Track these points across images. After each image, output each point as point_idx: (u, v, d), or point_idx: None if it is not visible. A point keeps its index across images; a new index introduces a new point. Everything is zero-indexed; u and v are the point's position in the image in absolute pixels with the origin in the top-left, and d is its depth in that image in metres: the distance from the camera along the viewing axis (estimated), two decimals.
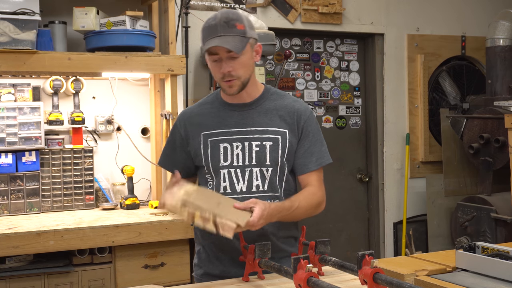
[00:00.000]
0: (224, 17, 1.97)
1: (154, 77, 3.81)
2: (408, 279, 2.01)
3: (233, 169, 2.06)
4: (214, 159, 2.07)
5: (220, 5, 4.14)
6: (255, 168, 2.06)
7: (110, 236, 3.05)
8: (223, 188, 2.07)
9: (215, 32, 1.95)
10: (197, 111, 2.15)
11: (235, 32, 1.95)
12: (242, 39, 1.96)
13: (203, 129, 2.10)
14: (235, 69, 1.98)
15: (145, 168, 3.85)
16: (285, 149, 2.07)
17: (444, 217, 4.62)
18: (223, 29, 1.94)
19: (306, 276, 1.55)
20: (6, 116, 3.43)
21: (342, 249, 4.67)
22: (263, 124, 2.08)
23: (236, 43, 1.94)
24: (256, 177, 2.06)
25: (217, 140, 2.08)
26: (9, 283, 2.94)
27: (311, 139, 2.11)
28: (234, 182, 2.06)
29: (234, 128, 2.08)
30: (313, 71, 4.64)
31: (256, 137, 2.07)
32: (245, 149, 2.06)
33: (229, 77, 1.99)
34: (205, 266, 2.16)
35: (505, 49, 4.38)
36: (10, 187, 3.45)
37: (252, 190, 2.05)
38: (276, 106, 2.12)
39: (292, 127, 2.10)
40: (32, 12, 3.15)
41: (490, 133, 4.27)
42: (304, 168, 2.10)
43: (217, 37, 1.94)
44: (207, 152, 2.08)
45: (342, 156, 4.74)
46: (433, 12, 4.89)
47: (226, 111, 2.11)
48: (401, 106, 4.79)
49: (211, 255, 2.14)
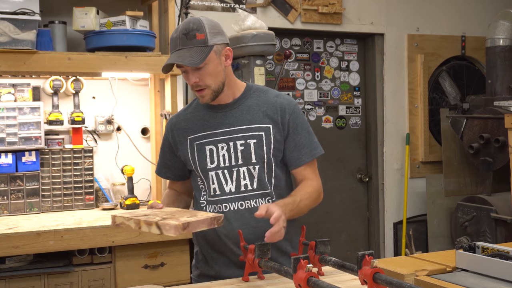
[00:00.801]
0: (184, 28, 1.95)
1: (154, 77, 3.81)
2: (408, 279, 2.01)
3: (220, 170, 2.06)
4: (202, 162, 2.07)
5: (220, 5, 4.14)
6: (242, 167, 2.06)
7: (110, 236, 3.05)
8: (213, 190, 2.07)
9: (174, 46, 1.96)
10: (182, 117, 2.17)
11: (194, 43, 1.93)
12: (202, 49, 1.93)
13: (188, 133, 2.11)
14: (202, 79, 1.97)
15: (145, 168, 3.85)
16: (270, 145, 2.06)
17: (444, 217, 4.62)
18: (182, 42, 1.94)
19: (306, 276, 1.55)
20: (6, 116, 3.43)
21: (342, 249, 4.67)
22: (246, 122, 2.07)
23: (194, 56, 1.92)
24: (244, 176, 2.06)
25: (203, 143, 2.08)
26: (9, 283, 2.94)
27: (300, 132, 2.10)
28: (223, 183, 2.06)
29: (218, 129, 2.08)
30: (313, 71, 4.64)
31: (240, 136, 2.06)
32: (231, 149, 2.06)
33: (197, 87, 1.99)
34: (201, 267, 2.18)
35: (505, 49, 4.37)
36: (10, 187, 3.45)
37: (241, 190, 2.05)
38: (259, 103, 2.10)
39: (276, 121, 2.08)
40: (32, 12, 3.15)
41: (490, 133, 4.27)
42: (298, 161, 2.10)
43: (176, 51, 1.95)
44: (194, 155, 2.08)
45: (342, 156, 4.74)
46: (433, 12, 4.89)
47: (209, 113, 2.11)
48: (401, 106, 4.79)
49: (207, 256, 2.15)
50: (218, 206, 2.07)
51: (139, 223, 1.75)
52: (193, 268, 2.23)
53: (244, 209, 2.05)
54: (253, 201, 2.06)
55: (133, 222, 1.77)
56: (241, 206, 2.06)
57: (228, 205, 2.06)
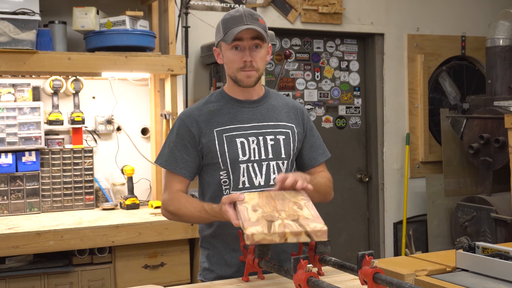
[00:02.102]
0: (247, 11, 2.04)
1: (154, 77, 3.81)
2: (408, 279, 2.01)
3: (251, 164, 2.07)
4: (232, 153, 2.06)
5: (220, 5, 4.14)
6: (272, 161, 2.09)
7: (110, 236, 3.05)
8: (242, 183, 2.06)
9: (241, 21, 2.00)
10: (205, 110, 2.12)
11: (258, 24, 2.01)
12: (265, 33, 2.03)
13: (215, 126, 2.08)
14: (255, 59, 2.03)
15: (145, 168, 3.85)
16: (294, 143, 2.14)
17: (444, 217, 4.62)
18: (249, 19, 2.01)
19: (306, 276, 1.55)
20: (6, 116, 3.43)
21: (342, 249, 4.67)
22: (273, 119, 2.13)
23: (262, 32, 2.01)
24: (273, 170, 2.09)
25: (233, 136, 2.07)
26: (9, 283, 2.95)
27: (314, 134, 2.22)
28: (252, 177, 2.07)
29: (247, 123, 2.09)
30: (313, 71, 4.64)
31: (269, 131, 2.10)
32: (260, 143, 2.08)
33: (250, 67, 2.03)
34: (218, 269, 2.10)
35: (505, 49, 4.37)
36: (10, 187, 3.45)
37: (270, 184, 2.07)
38: (280, 104, 2.18)
39: (297, 122, 2.18)
40: (32, 12, 3.15)
41: (490, 133, 4.27)
42: (314, 161, 2.19)
43: (244, 25, 1.99)
44: (224, 147, 2.06)
45: (342, 156, 4.74)
46: (433, 12, 4.89)
47: (236, 108, 2.11)
48: (401, 106, 4.79)
49: (225, 256, 2.09)
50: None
51: (284, 236, 1.64)
52: (206, 272, 2.14)
53: None
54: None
55: (277, 236, 1.64)
56: None
57: None
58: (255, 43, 2.01)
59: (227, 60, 2.06)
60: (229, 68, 2.07)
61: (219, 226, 2.08)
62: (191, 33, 3.93)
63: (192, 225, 3.20)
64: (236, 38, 2.00)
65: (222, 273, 2.09)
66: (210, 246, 2.14)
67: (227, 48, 2.04)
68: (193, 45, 3.98)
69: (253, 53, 2.02)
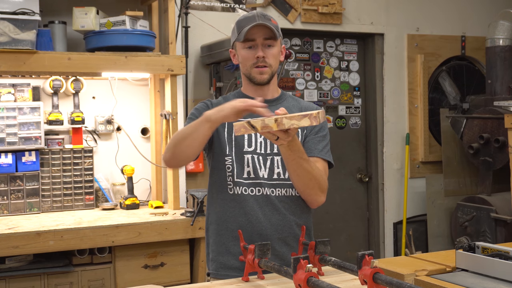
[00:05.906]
0: (260, 12, 2.13)
1: (154, 77, 3.81)
2: (408, 279, 2.01)
3: (256, 156, 2.11)
4: (238, 144, 2.11)
5: (220, 5, 4.14)
6: (277, 156, 2.12)
7: (110, 236, 3.05)
8: (247, 173, 2.10)
9: (254, 20, 2.07)
10: (223, 103, 2.12)
11: (272, 24, 2.09)
12: (277, 31, 2.10)
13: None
14: (268, 56, 2.09)
15: (145, 168, 3.85)
16: (302, 142, 2.15)
17: (444, 217, 4.62)
18: (261, 19, 2.08)
19: (306, 276, 1.55)
20: (6, 116, 3.43)
21: (342, 249, 4.67)
22: None
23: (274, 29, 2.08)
24: (277, 165, 2.12)
25: None
26: (9, 283, 2.95)
27: (323, 134, 2.22)
28: (257, 168, 2.10)
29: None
30: (313, 71, 4.64)
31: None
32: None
33: (262, 62, 2.09)
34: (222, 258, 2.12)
35: (505, 49, 4.37)
36: (10, 187, 3.45)
37: (274, 177, 2.10)
38: (295, 106, 2.20)
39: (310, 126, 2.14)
40: (32, 12, 3.15)
41: (490, 133, 4.27)
42: (308, 151, 2.13)
43: (256, 23, 2.06)
44: (231, 135, 2.11)
45: (342, 156, 4.74)
46: (433, 12, 4.89)
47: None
48: (401, 106, 4.79)
49: (228, 245, 2.11)
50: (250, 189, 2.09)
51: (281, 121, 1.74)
52: (211, 262, 2.17)
53: (275, 196, 2.10)
54: (284, 190, 2.11)
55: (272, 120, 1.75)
56: (272, 193, 2.10)
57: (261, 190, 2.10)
58: (267, 43, 2.08)
59: (242, 58, 2.13)
60: (244, 66, 2.13)
61: (223, 211, 2.11)
62: (191, 33, 3.93)
63: (192, 225, 3.20)
64: (249, 38, 2.07)
65: (226, 261, 2.12)
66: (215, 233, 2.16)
67: (241, 47, 2.11)
68: (193, 45, 3.98)
69: (266, 50, 2.09)
